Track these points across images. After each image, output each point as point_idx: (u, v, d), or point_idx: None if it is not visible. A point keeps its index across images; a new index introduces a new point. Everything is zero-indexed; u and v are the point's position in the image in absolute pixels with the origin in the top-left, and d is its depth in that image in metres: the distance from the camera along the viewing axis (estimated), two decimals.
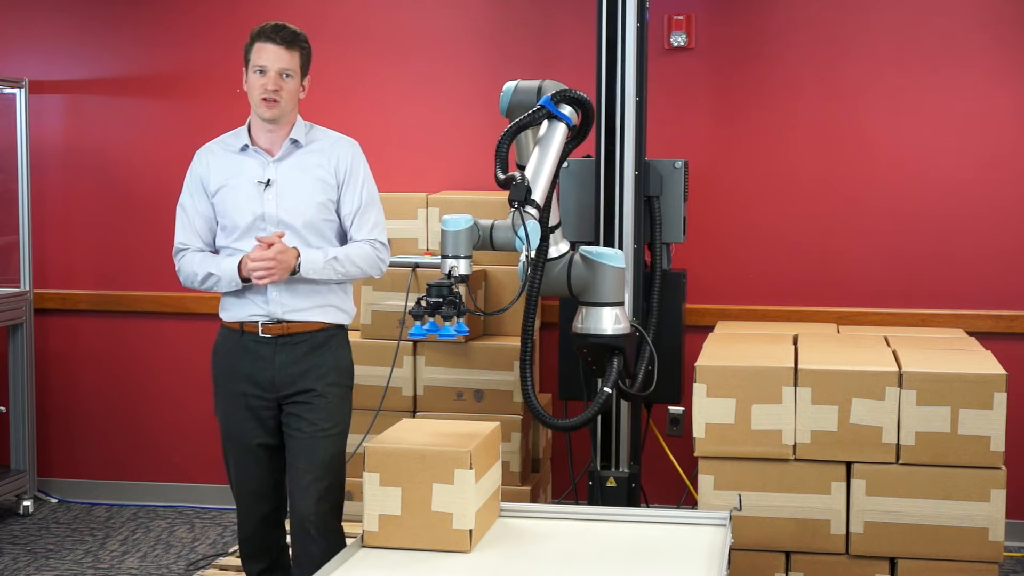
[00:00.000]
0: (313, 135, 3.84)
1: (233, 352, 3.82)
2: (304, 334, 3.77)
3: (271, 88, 3.69)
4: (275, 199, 3.74)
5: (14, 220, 5.62)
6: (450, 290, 3.32)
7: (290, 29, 3.75)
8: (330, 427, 3.80)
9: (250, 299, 3.76)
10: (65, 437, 5.88)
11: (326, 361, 3.80)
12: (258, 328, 3.76)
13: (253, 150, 3.79)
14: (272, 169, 3.76)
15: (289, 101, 3.74)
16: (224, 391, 3.86)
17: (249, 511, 3.90)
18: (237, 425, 3.83)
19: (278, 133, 3.78)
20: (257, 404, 3.80)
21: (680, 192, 4.58)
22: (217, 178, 3.79)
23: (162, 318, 5.71)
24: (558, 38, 5.37)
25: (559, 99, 3.65)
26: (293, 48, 3.72)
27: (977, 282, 5.18)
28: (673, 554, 3.34)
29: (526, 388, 3.87)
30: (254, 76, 3.72)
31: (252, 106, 3.76)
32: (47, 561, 5.05)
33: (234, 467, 3.88)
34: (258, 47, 3.71)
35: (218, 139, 3.88)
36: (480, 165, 5.23)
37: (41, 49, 5.74)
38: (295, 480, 3.79)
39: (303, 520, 3.77)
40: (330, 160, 3.80)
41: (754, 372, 4.09)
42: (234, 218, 3.76)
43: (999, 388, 3.97)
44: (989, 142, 5.16)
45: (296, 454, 3.78)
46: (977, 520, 3.98)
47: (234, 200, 3.76)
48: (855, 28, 5.20)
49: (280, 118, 3.75)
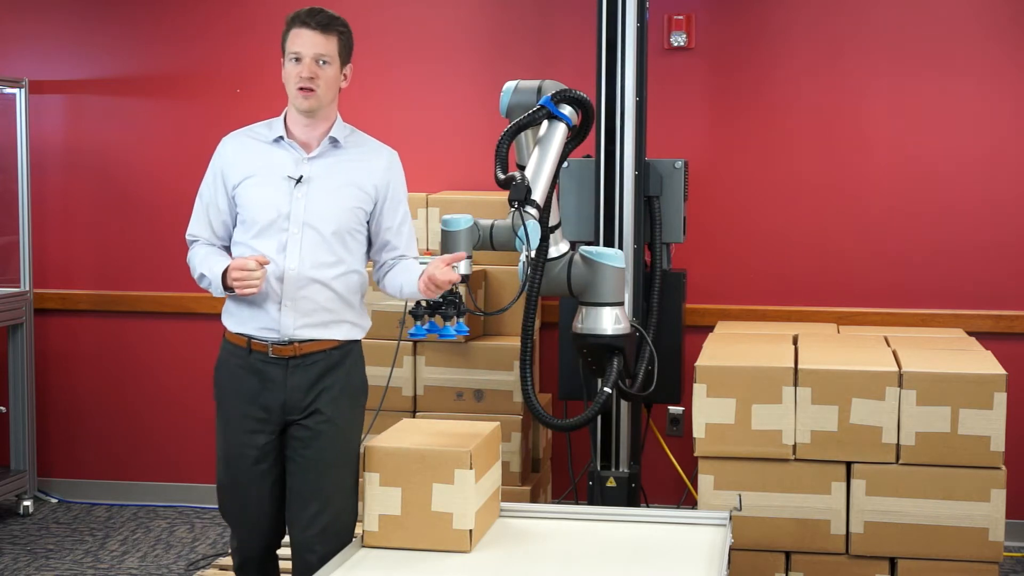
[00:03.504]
0: (354, 138, 3.54)
1: (239, 372, 3.50)
2: (318, 354, 3.45)
3: (306, 76, 3.38)
4: (304, 199, 3.42)
5: (14, 220, 5.62)
6: (450, 290, 3.32)
7: (327, 13, 3.44)
8: (337, 456, 3.49)
9: (261, 308, 3.44)
10: (65, 437, 5.88)
11: (339, 381, 3.48)
12: (268, 348, 3.44)
13: (288, 143, 3.48)
14: (306, 166, 3.45)
15: (328, 91, 3.43)
16: (228, 413, 3.54)
17: (251, 538, 3.59)
18: (239, 450, 3.51)
19: (317, 128, 3.48)
20: (261, 431, 3.49)
21: (680, 192, 4.58)
22: (242, 169, 3.48)
23: (162, 318, 5.71)
24: (558, 38, 5.37)
25: (559, 99, 3.64)
26: (330, 32, 3.42)
27: (977, 282, 5.18)
28: (673, 554, 3.34)
29: (526, 388, 3.87)
30: (290, 64, 3.41)
31: (289, 97, 3.45)
32: (47, 561, 5.04)
33: (237, 494, 3.55)
34: (293, 33, 3.41)
35: (248, 128, 3.57)
36: (480, 165, 5.23)
37: (41, 49, 5.74)
38: (297, 508, 3.48)
39: (305, 552, 3.47)
40: (371, 168, 3.50)
41: (754, 372, 4.09)
42: (254, 213, 3.44)
43: (999, 388, 3.97)
44: (989, 142, 5.15)
45: (300, 481, 3.48)
46: (977, 520, 3.98)
47: (259, 194, 3.45)
48: (855, 28, 5.20)
49: (318, 109, 3.44)
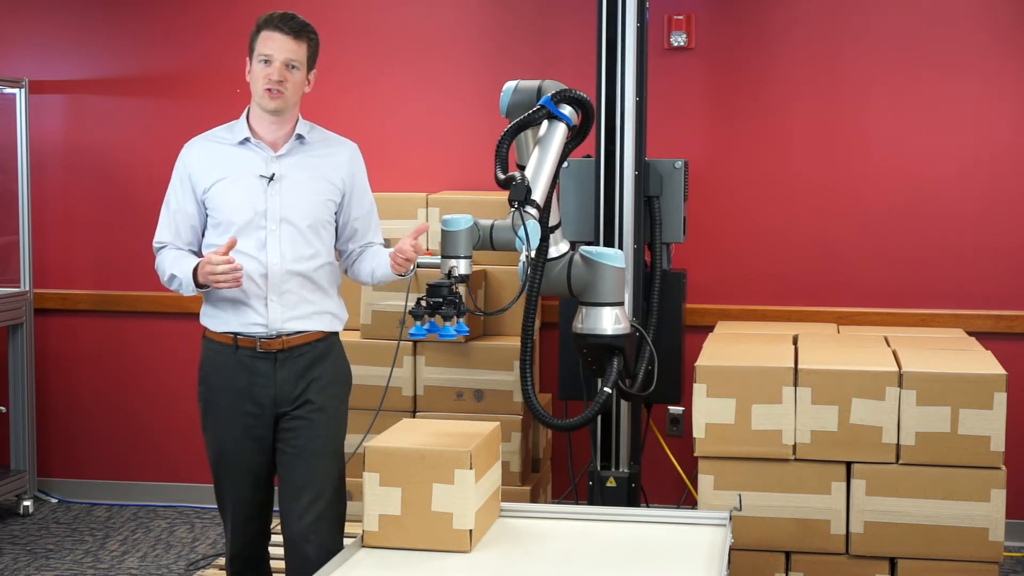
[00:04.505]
0: (316, 134, 3.68)
1: (226, 369, 3.61)
2: (304, 346, 3.60)
3: (276, 79, 3.51)
4: (278, 196, 3.56)
5: (14, 220, 5.62)
6: (450, 290, 3.32)
7: (299, 19, 3.56)
8: (328, 443, 3.64)
9: (247, 306, 3.57)
10: (65, 437, 5.88)
11: (327, 372, 3.64)
12: (255, 343, 3.57)
13: (255, 143, 3.60)
14: (276, 164, 3.59)
15: (294, 94, 3.56)
16: (217, 414, 3.66)
17: (243, 530, 3.73)
18: (234, 447, 3.64)
19: (282, 128, 3.61)
20: (256, 424, 3.62)
21: (680, 192, 4.58)
22: (212, 173, 3.58)
23: (162, 318, 5.71)
24: (558, 38, 5.37)
25: (559, 99, 3.64)
26: (301, 39, 3.55)
27: (977, 282, 5.18)
28: (673, 554, 3.33)
29: (526, 388, 3.87)
30: (259, 65, 3.53)
31: (254, 96, 3.58)
32: (47, 561, 5.04)
33: (229, 489, 3.69)
34: (264, 35, 3.54)
35: (208, 133, 3.69)
36: (480, 165, 5.23)
37: (41, 49, 5.74)
38: (291, 499, 3.60)
39: (301, 542, 3.58)
40: (337, 162, 3.66)
41: (754, 372, 4.09)
42: (229, 214, 3.55)
43: (999, 388, 3.97)
44: (988, 141, 5.15)
45: (292, 471, 3.61)
46: (977, 520, 3.98)
47: (233, 195, 3.56)
48: (855, 28, 5.20)
49: (284, 111, 3.58)
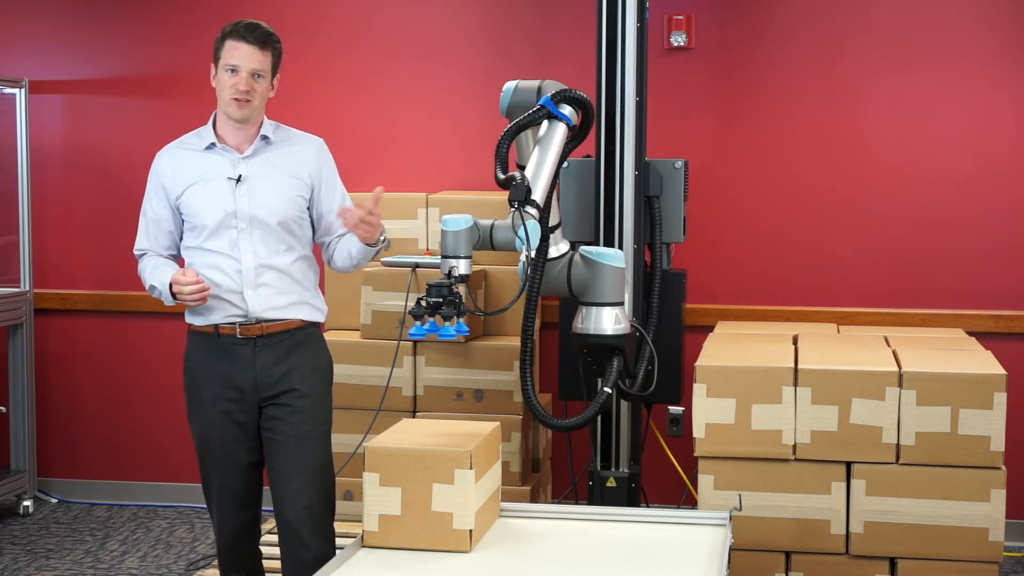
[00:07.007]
0: (282, 133, 3.79)
1: (209, 357, 3.72)
2: (283, 333, 3.70)
3: (243, 88, 3.63)
4: (247, 195, 3.67)
5: (14, 220, 5.62)
6: (450, 290, 3.31)
7: (263, 29, 3.68)
8: (315, 428, 3.72)
9: (225, 299, 3.68)
10: (65, 437, 5.88)
11: (307, 360, 3.74)
12: (235, 330, 3.68)
13: (220, 148, 3.72)
14: (243, 165, 3.70)
15: (261, 101, 3.69)
16: (201, 401, 3.76)
17: (231, 522, 3.81)
18: (218, 436, 3.74)
19: (247, 131, 3.73)
20: (237, 410, 3.71)
21: (680, 192, 4.58)
22: (183, 179, 3.72)
23: (162, 318, 5.70)
24: (558, 38, 5.37)
25: (559, 99, 3.64)
26: (266, 49, 3.66)
27: (977, 282, 5.18)
28: (673, 554, 3.33)
29: (526, 388, 3.87)
30: (224, 74, 3.65)
31: (221, 104, 3.70)
32: (47, 561, 5.04)
33: (215, 480, 3.78)
34: (230, 45, 3.64)
35: (178, 140, 3.82)
36: (480, 165, 5.23)
37: (41, 49, 5.74)
38: (282, 485, 3.69)
39: (294, 526, 3.68)
40: (303, 159, 3.76)
41: (754, 372, 4.09)
42: (202, 217, 3.68)
43: (999, 388, 3.97)
44: (989, 141, 5.16)
45: (281, 458, 3.69)
46: (977, 520, 3.98)
47: (203, 198, 3.68)
48: (855, 28, 5.20)
49: (250, 118, 3.70)
